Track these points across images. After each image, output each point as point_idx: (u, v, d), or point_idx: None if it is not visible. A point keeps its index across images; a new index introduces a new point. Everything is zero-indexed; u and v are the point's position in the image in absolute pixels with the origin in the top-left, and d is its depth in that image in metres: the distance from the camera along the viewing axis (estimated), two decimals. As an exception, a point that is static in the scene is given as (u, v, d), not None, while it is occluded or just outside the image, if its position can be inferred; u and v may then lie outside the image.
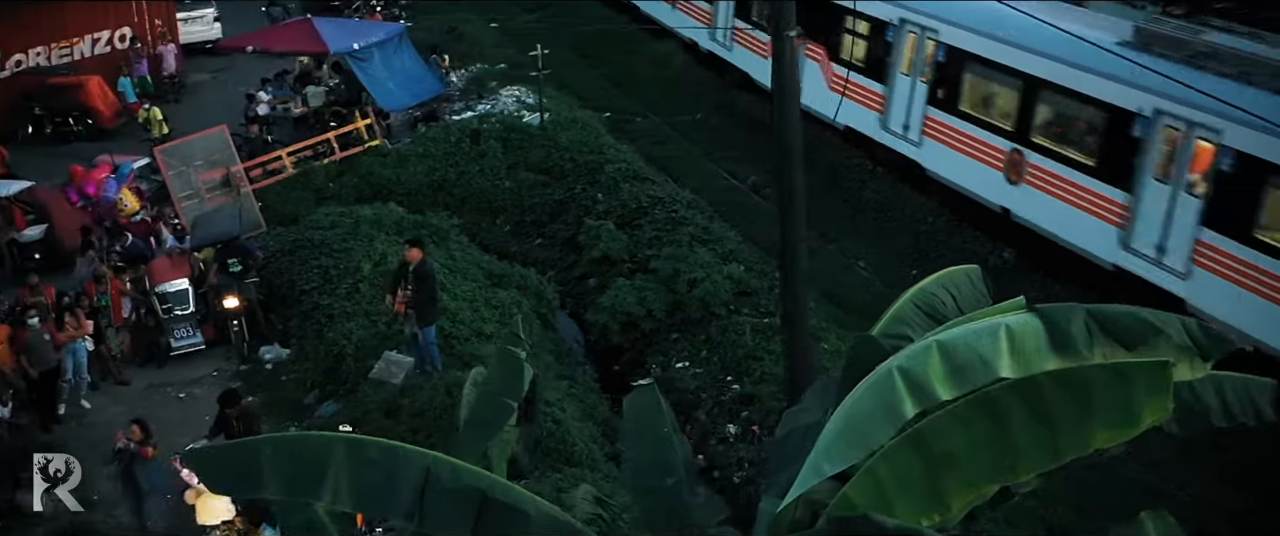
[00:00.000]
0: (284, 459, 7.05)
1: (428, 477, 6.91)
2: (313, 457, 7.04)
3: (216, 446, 8.15)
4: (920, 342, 6.50)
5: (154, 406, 19.85)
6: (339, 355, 19.65)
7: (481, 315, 20.35)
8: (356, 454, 7.04)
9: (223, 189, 26.02)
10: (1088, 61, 20.08)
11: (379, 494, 6.93)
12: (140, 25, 34.37)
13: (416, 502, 6.86)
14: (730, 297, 21.13)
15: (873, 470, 6.29)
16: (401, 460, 7.04)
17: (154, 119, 29.23)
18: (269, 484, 7.03)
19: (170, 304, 21.14)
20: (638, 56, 36.96)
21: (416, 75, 31.08)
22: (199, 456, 7.66)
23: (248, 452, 7.25)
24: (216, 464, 7.50)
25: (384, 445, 7.28)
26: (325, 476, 6.94)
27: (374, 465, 7.02)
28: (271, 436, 7.66)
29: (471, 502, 6.83)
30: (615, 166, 26.05)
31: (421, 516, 6.85)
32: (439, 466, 6.97)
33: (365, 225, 22.92)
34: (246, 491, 7.64)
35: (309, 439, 7.48)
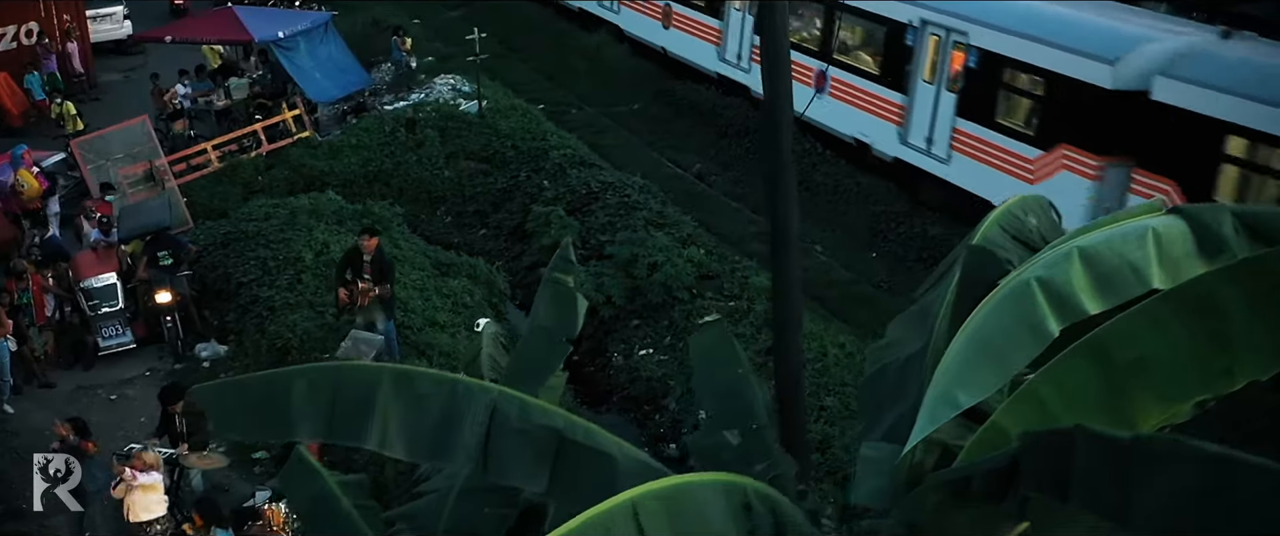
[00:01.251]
0: (320, 393, 6.04)
1: (493, 416, 5.90)
2: (354, 392, 6.04)
3: (235, 381, 6.99)
4: (1056, 250, 5.66)
5: (83, 410, 18.47)
6: (283, 349, 18.48)
7: (434, 304, 19.30)
8: (406, 388, 6.02)
9: (145, 184, 24.66)
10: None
11: (435, 436, 5.93)
12: (47, 21, 32.73)
13: (481, 445, 5.85)
14: (692, 282, 20.27)
15: (1033, 392, 5.40)
16: (461, 395, 6.02)
17: (67, 113, 27.76)
18: (301, 424, 6.02)
19: (97, 300, 19.83)
20: (568, 49, 36.01)
21: (343, 66, 29.93)
22: (213, 393, 6.55)
23: (275, 387, 6.22)
24: (235, 402, 6.43)
25: (438, 376, 6.27)
26: (370, 414, 5.94)
27: (426, 401, 6.01)
28: (303, 367, 6.58)
29: (547, 444, 5.83)
30: (560, 153, 25.11)
31: (486, 461, 5.85)
32: (506, 402, 5.97)
33: (303, 215, 21.74)
34: (272, 433, 6.56)
35: (349, 369, 6.40)
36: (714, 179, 27.23)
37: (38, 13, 32.47)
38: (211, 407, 6.51)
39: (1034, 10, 21.63)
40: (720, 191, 26.45)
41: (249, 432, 6.56)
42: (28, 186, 22.40)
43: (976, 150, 22.04)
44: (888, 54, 24.41)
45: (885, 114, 24.45)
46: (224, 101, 28.87)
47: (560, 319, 7.61)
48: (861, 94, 25.17)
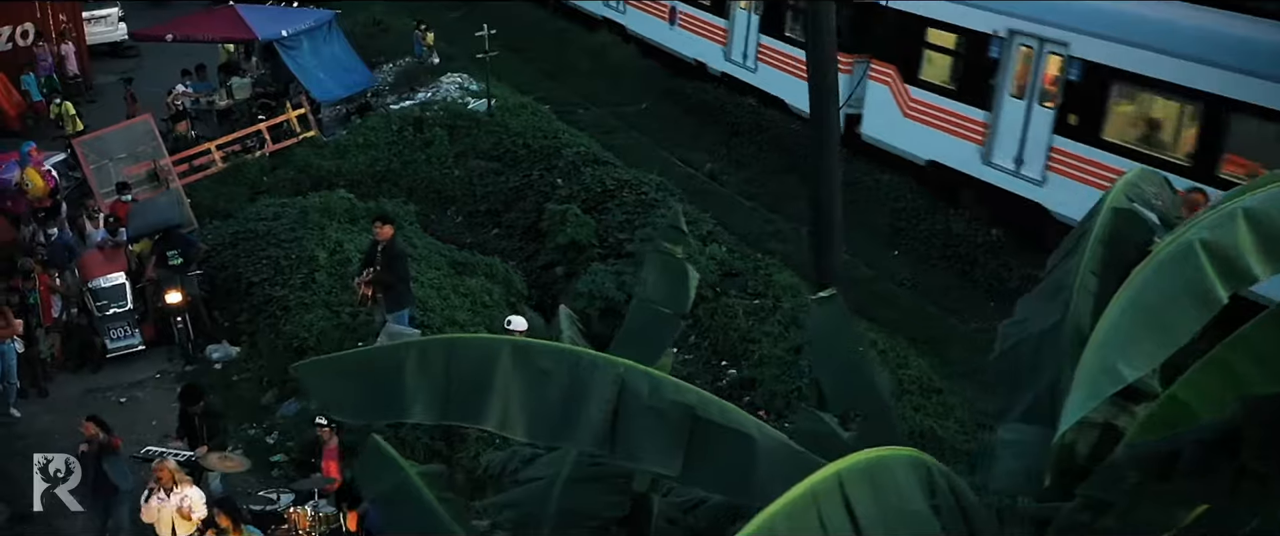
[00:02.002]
0: (434, 368, 5.56)
1: (621, 392, 5.43)
2: (472, 367, 5.57)
3: (340, 357, 6.46)
4: (1218, 212, 5.22)
5: (93, 413, 18.01)
6: (299, 349, 17.94)
7: (452, 303, 18.79)
8: (526, 362, 5.56)
9: (149, 184, 24.15)
10: None
11: (559, 414, 5.46)
12: (43, 22, 32.21)
13: (608, 424, 5.39)
14: (716, 279, 19.80)
15: (1223, 362, 4.96)
16: (584, 370, 5.55)
17: (67, 114, 27.25)
18: (414, 402, 5.55)
19: (105, 301, 19.34)
20: (572, 48, 35.58)
21: (347, 65, 29.51)
22: (316, 370, 6.06)
23: (386, 361, 5.74)
24: (341, 380, 5.94)
25: (558, 350, 5.80)
26: (490, 391, 5.48)
27: (548, 377, 5.54)
28: (414, 340, 6.09)
29: (681, 423, 5.35)
30: (573, 151, 24.60)
31: (614, 441, 5.38)
32: (634, 378, 5.48)
33: (314, 213, 21.22)
34: (383, 412, 6.03)
35: (464, 343, 5.92)
36: (726, 178, 26.78)
37: (34, 14, 31.97)
38: (315, 386, 6.02)
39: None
40: (733, 190, 25.99)
41: (358, 412, 6.03)
42: (34, 185, 21.84)
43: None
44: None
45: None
46: (226, 101, 28.36)
47: (670, 292, 7.13)
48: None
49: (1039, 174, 20.60)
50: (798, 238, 23.49)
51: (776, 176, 26.33)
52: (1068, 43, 19.95)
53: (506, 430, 5.55)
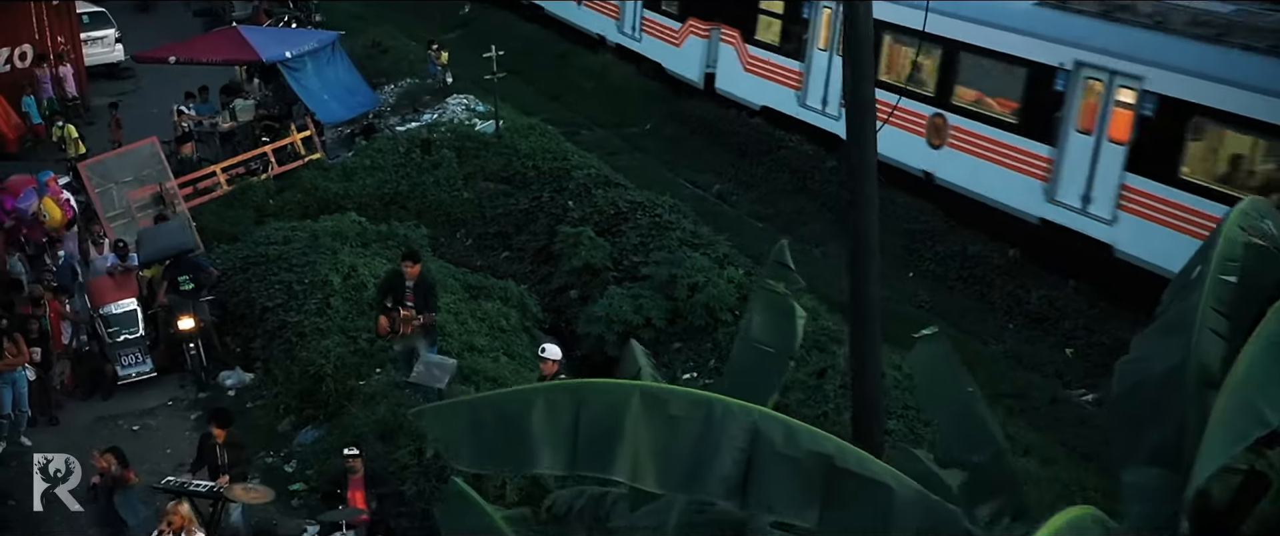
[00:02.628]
0: (561, 416, 5.34)
1: (755, 440, 5.22)
2: (602, 415, 5.35)
3: (464, 403, 6.16)
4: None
5: (105, 441, 17.59)
6: (316, 376, 17.72)
7: (469, 328, 18.56)
8: (657, 409, 5.34)
9: (154, 207, 23.87)
10: None
11: (691, 463, 5.25)
12: (41, 44, 31.88)
13: (741, 474, 5.17)
14: (735, 303, 19.58)
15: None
16: (717, 417, 5.35)
17: (69, 137, 26.94)
18: (542, 452, 5.33)
19: (116, 327, 19.05)
20: (572, 69, 35.44)
21: (351, 86, 29.29)
22: (440, 417, 5.82)
23: (510, 410, 5.51)
24: (466, 427, 5.69)
25: (689, 396, 5.57)
26: (619, 439, 5.26)
27: (680, 425, 5.33)
28: (539, 385, 5.87)
29: (816, 473, 5.15)
30: (584, 173, 24.41)
31: (746, 493, 5.17)
32: (768, 425, 5.29)
33: (325, 237, 20.97)
34: (510, 462, 5.78)
35: (592, 389, 5.68)
36: (735, 199, 26.66)
37: (32, 35, 31.63)
38: (438, 433, 5.79)
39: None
40: (743, 212, 25.85)
41: (482, 462, 5.77)
42: (51, 215, 21.52)
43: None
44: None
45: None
46: (229, 123, 28.10)
47: (777, 332, 6.90)
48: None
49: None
50: (811, 260, 23.33)
51: (786, 197, 26.18)
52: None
53: (638, 480, 5.34)
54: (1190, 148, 18.79)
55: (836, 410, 16.83)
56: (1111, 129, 19.92)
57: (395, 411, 16.29)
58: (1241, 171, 18.35)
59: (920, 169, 23.77)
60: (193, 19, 44.22)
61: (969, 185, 22.79)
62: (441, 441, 5.81)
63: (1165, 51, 19.12)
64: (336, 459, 16.09)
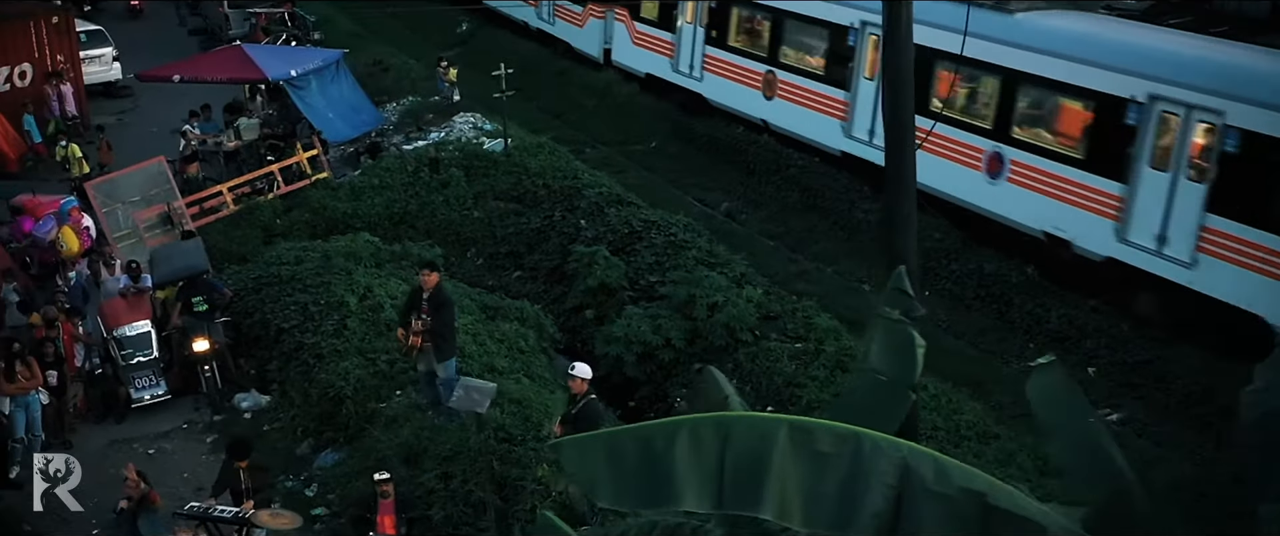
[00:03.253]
0: (706, 451, 5.15)
1: (906, 477, 5.05)
2: (746, 450, 5.15)
3: (603, 436, 5.90)
4: None
5: (120, 465, 17.37)
6: (336, 398, 17.50)
7: (488, 349, 18.37)
8: (805, 444, 5.15)
9: (162, 227, 23.66)
10: None
11: (840, 501, 5.06)
12: (41, 63, 31.65)
13: (891, 512, 5.00)
14: (755, 323, 19.44)
15: None
16: (866, 453, 5.16)
17: (73, 156, 26.70)
18: (687, 489, 5.13)
19: (130, 350, 18.82)
20: (573, 87, 35.23)
21: (356, 104, 29.12)
22: (577, 451, 5.61)
23: (653, 444, 5.31)
24: (606, 462, 5.49)
25: (839, 431, 5.36)
26: (767, 475, 5.06)
27: (827, 461, 5.14)
28: (682, 418, 5.64)
29: (968, 510, 4.98)
30: (595, 191, 24.25)
31: (897, 530, 4.99)
32: (918, 461, 5.11)
33: (338, 257, 20.77)
34: (653, 499, 5.54)
35: (737, 422, 5.48)
36: (744, 217, 26.50)
37: (31, 54, 31.40)
38: (576, 468, 5.59)
39: None
40: (753, 230, 25.69)
41: (621, 498, 5.54)
42: (68, 245, 21.27)
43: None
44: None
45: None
46: (234, 142, 27.89)
47: (898, 362, 6.69)
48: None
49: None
50: (824, 278, 23.22)
51: (797, 215, 26.05)
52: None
53: (785, 519, 5.15)
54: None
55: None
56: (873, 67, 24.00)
57: (419, 434, 16.11)
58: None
59: (759, 117, 28.58)
60: (188, 36, 44.19)
61: (794, 128, 27.30)
62: (580, 477, 5.58)
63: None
64: (359, 482, 15.92)
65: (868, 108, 24.50)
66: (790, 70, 27.37)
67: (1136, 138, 19.54)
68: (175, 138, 29.18)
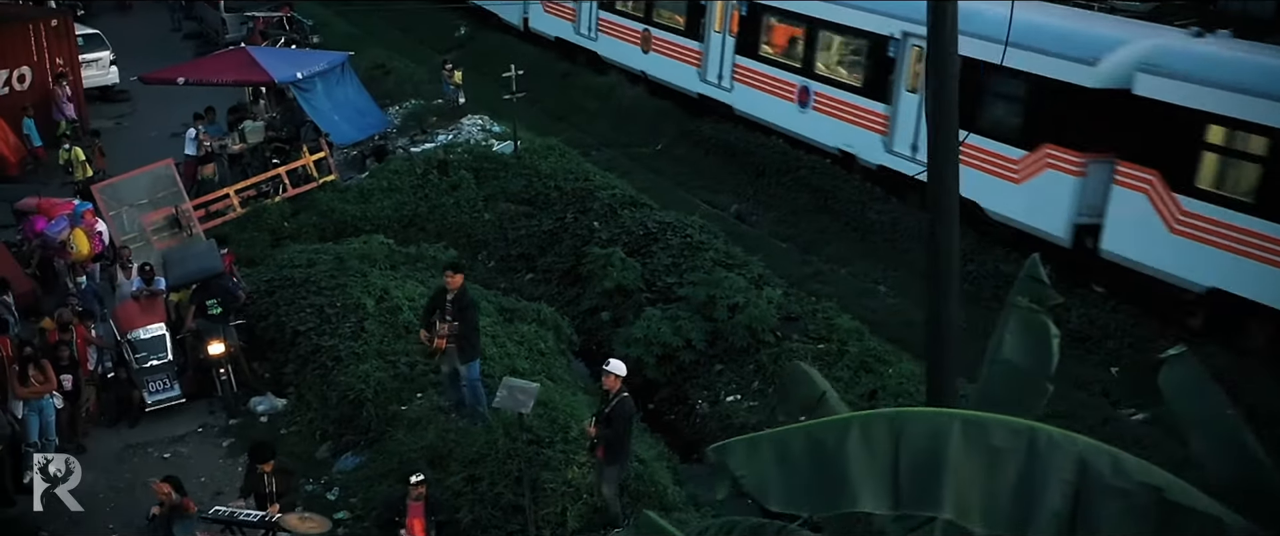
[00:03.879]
0: (879, 448, 4.92)
1: (1083, 472, 4.84)
2: (923, 446, 4.93)
3: (769, 437, 5.58)
4: None
5: (134, 469, 17.36)
6: (355, 401, 17.27)
7: (508, 351, 18.17)
8: (979, 439, 4.93)
9: (170, 230, 23.39)
10: None
11: (1017, 499, 4.83)
12: (40, 66, 31.33)
13: (1070, 510, 4.79)
14: (776, 323, 19.27)
15: None
16: (1043, 449, 4.94)
17: (77, 159, 26.39)
18: (862, 490, 4.90)
19: (144, 353, 18.54)
20: (576, 90, 35.06)
21: (361, 107, 28.86)
22: (744, 451, 5.36)
23: (824, 442, 5.08)
24: (774, 462, 5.23)
25: (1014, 425, 5.12)
26: (943, 473, 4.84)
27: (1002, 457, 4.91)
28: (852, 415, 5.40)
29: (1149, 507, 4.77)
30: (609, 193, 24.05)
31: (1074, 528, 4.78)
32: (1094, 456, 4.90)
33: (353, 259, 20.53)
34: (826, 502, 5.26)
35: (911, 417, 5.23)
36: (755, 219, 26.31)
37: (30, 57, 31.09)
38: (745, 470, 5.32)
39: None
40: (764, 232, 25.50)
41: (795, 502, 5.27)
42: (78, 247, 20.98)
43: None
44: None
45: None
46: (239, 145, 27.61)
47: (1033, 352, 6.43)
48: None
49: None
50: (837, 280, 23.04)
51: (808, 216, 25.87)
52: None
53: (964, 519, 4.92)
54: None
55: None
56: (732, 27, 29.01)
57: (443, 437, 15.89)
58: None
59: (638, 69, 33.50)
60: (184, 41, 43.90)
61: (663, 77, 32.39)
62: (749, 479, 5.29)
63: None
64: (383, 485, 15.70)
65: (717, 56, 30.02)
66: (660, 27, 32.43)
67: (895, 67, 24.24)
68: (174, 142, 28.82)
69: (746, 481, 5.21)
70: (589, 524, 14.45)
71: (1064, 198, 20.87)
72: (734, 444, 5.38)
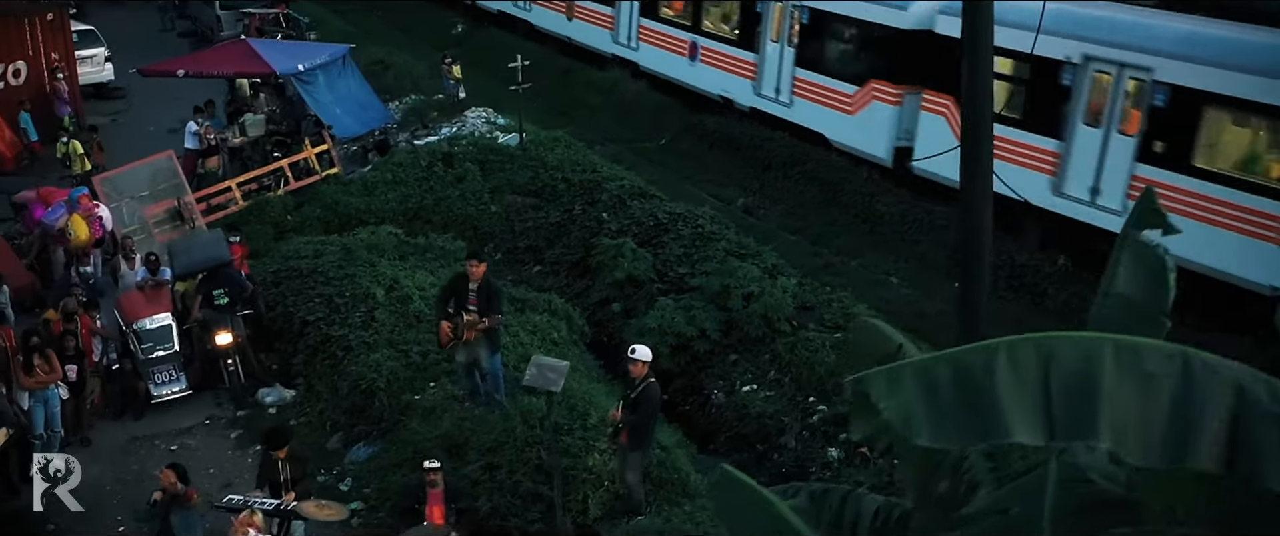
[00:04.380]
0: (1029, 375, 4.62)
1: (1241, 399, 4.57)
2: (1075, 372, 4.64)
3: (901, 366, 5.20)
4: None
5: (142, 462, 17.03)
6: (367, 391, 16.96)
7: (521, 340, 17.88)
8: (1133, 364, 4.63)
9: (172, 223, 23.05)
10: None
11: (1175, 427, 4.53)
12: (35, 60, 30.94)
13: (1229, 437, 4.51)
14: (792, 313, 19.00)
15: None
16: (1198, 374, 4.64)
17: (75, 153, 26.02)
18: (1014, 420, 4.59)
19: (150, 344, 18.23)
20: (577, 86, 34.77)
21: (363, 101, 28.51)
22: (883, 382, 5.02)
23: (970, 370, 4.77)
24: (915, 393, 4.90)
25: (1164, 349, 4.79)
26: (1097, 401, 4.54)
27: (1155, 382, 4.61)
28: (995, 341, 5.07)
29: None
30: (617, 184, 23.76)
31: (1235, 459, 4.50)
32: (1251, 382, 4.60)
33: (361, 250, 20.22)
34: (976, 433, 4.87)
35: (1059, 342, 4.91)
36: (763, 212, 26.06)
37: (26, 52, 30.71)
38: (890, 402, 4.97)
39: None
40: (774, 225, 25.24)
41: (944, 435, 4.91)
42: (76, 233, 20.65)
43: None
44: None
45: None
46: (239, 138, 27.27)
47: (1149, 286, 6.11)
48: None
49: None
50: (848, 272, 22.79)
51: (816, 209, 25.66)
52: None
53: (1120, 448, 4.62)
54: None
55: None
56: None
57: (459, 425, 15.60)
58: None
59: (564, 35, 37.37)
60: (178, 39, 43.54)
61: (585, 40, 36.28)
62: (893, 411, 4.94)
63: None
64: (398, 475, 15.41)
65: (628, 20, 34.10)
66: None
67: (762, 21, 28.28)
68: (171, 138, 28.47)
69: (891, 413, 4.89)
70: (611, 511, 14.16)
71: (885, 124, 24.88)
72: (874, 375, 5.07)
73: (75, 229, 20.58)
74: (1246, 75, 18.07)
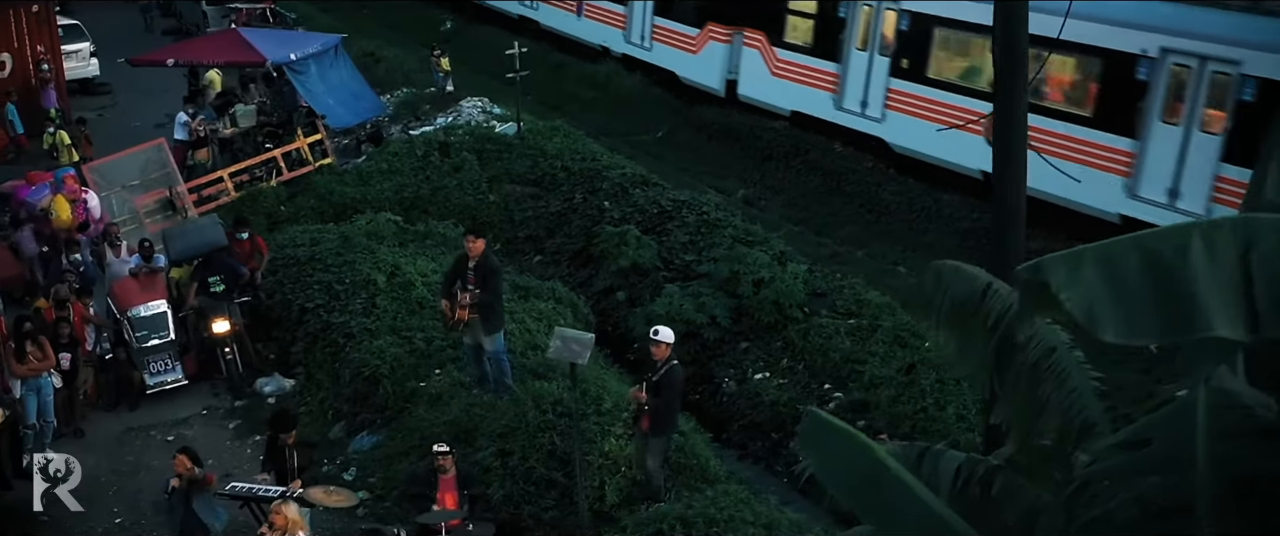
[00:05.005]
0: (1224, 261, 4.18)
1: None
2: (1272, 253, 4.20)
3: (1079, 252, 4.71)
4: None
5: (138, 452, 16.56)
6: (371, 378, 16.46)
7: (527, 327, 17.41)
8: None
9: (163, 213, 22.51)
10: None
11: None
12: (21, 54, 30.35)
13: None
14: (804, 299, 18.57)
15: None
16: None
17: (62, 143, 25.47)
18: (1214, 310, 4.14)
19: (145, 331, 17.68)
20: (570, 80, 34.38)
21: (355, 91, 28.04)
22: (1062, 269, 4.52)
23: (1155, 256, 4.32)
24: (1099, 283, 4.43)
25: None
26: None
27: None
28: (1188, 223, 4.59)
29: None
30: (618, 173, 23.31)
31: None
32: None
33: (360, 236, 19.73)
34: (1174, 328, 4.36)
35: (1259, 222, 4.41)
36: (764, 203, 25.66)
37: (11, 44, 30.12)
38: (1072, 293, 4.48)
39: None
40: (775, 215, 24.82)
41: (1136, 330, 4.39)
42: (59, 214, 20.11)
43: None
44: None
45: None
46: (230, 129, 26.73)
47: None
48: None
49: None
50: (854, 261, 22.39)
51: (819, 199, 25.30)
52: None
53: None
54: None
55: (937, 405, 15.86)
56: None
57: (468, 411, 15.11)
58: None
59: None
60: (162, 37, 42.89)
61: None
62: (1075, 301, 4.44)
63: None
64: (402, 463, 14.95)
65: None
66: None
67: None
68: (158, 133, 27.81)
69: (1072, 304, 4.42)
70: (628, 498, 13.70)
71: (718, 60, 29.70)
72: (1051, 260, 4.60)
73: (57, 210, 20.07)
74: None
